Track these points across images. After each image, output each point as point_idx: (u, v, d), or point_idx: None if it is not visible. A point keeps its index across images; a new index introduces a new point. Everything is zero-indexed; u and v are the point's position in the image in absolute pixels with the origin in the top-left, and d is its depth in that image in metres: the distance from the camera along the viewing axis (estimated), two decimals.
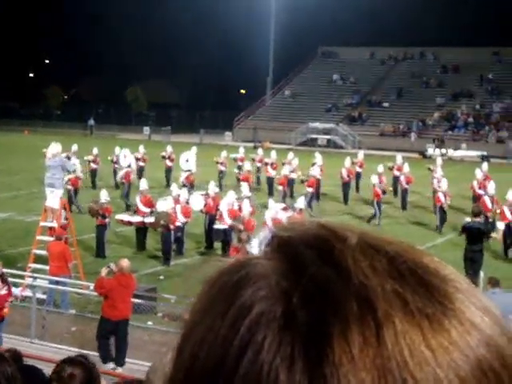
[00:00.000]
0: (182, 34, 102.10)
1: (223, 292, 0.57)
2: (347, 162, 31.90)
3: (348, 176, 31.03)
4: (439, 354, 0.52)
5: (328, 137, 65.57)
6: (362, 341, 0.52)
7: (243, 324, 0.54)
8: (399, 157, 33.03)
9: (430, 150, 58.36)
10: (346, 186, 30.92)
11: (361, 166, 33.28)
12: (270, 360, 0.52)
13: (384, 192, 25.68)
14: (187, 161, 27.40)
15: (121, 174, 27.89)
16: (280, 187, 28.94)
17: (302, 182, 29.83)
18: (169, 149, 34.01)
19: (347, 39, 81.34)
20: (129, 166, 28.12)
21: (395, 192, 31.81)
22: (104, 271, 12.85)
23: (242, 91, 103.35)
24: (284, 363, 0.52)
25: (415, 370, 0.51)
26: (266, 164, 32.74)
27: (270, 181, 31.93)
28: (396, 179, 31.65)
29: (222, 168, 32.71)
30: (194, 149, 30.66)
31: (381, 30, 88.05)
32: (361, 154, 34.79)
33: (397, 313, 0.53)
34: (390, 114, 68.86)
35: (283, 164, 32.36)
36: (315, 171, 30.01)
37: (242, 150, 35.81)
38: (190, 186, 28.13)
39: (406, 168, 30.41)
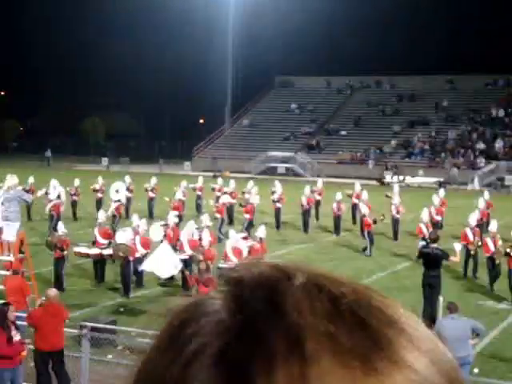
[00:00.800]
0: (140, 64, 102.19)
1: (171, 329, 0.58)
2: (306, 190, 32.04)
3: (308, 204, 31.15)
4: None
5: (287, 165, 65.97)
6: (286, 378, 0.52)
7: (178, 362, 0.55)
8: (357, 184, 33.32)
9: (388, 177, 58.99)
10: (305, 214, 31.03)
11: (320, 194, 33.44)
12: None
13: (375, 221, 25.44)
14: (117, 191, 26.97)
15: (49, 206, 27.36)
16: (218, 215, 28.70)
17: (241, 205, 30.16)
18: (127, 179, 33.80)
19: (304, 68, 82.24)
20: (58, 197, 27.61)
21: (354, 219, 32.08)
22: (37, 303, 12.87)
23: (201, 121, 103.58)
24: None
25: None
26: (225, 193, 32.72)
27: (230, 210, 31.93)
28: (355, 206, 31.95)
29: (183, 198, 32.47)
30: (127, 178, 30.61)
31: (337, 59, 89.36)
32: (320, 181, 34.94)
33: (326, 353, 0.53)
34: (347, 142, 69.54)
35: (243, 193, 32.45)
36: (254, 199, 30.15)
37: (201, 179, 35.82)
38: (119, 216, 28.06)
39: (365, 195, 30.66)
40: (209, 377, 0.54)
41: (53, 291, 12.82)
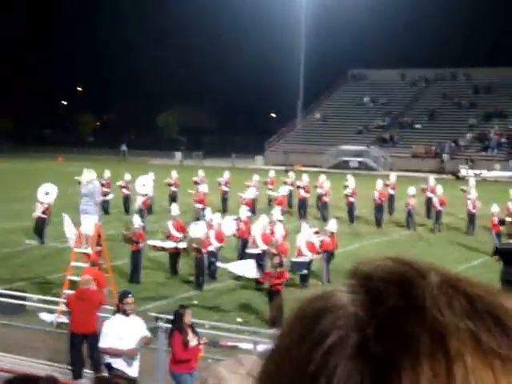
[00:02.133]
0: (213, 59, 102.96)
1: (304, 320, 0.60)
2: (379, 184, 31.63)
3: (380, 199, 30.81)
4: None
5: (360, 159, 65.43)
6: (432, 375, 0.54)
7: (318, 351, 0.57)
8: (432, 178, 32.80)
9: (463, 171, 57.90)
10: (378, 208, 30.70)
11: (393, 189, 33.04)
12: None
13: (502, 222, 24.33)
14: (144, 185, 26.98)
15: (139, 201, 27.69)
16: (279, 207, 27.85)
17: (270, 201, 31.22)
18: (200, 173, 34.13)
19: (377, 61, 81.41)
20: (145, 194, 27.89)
21: (428, 214, 31.62)
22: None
23: (273, 115, 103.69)
24: None
25: None
26: (298, 187, 32.70)
27: (303, 204, 31.89)
28: (429, 201, 31.46)
29: (255, 191, 32.39)
30: (151, 174, 30.53)
31: (410, 52, 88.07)
32: (393, 176, 34.46)
33: (468, 350, 0.55)
34: (421, 136, 68.51)
35: (315, 187, 32.34)
36: (283, 190, 31.07)
37: (272, 173, 35.87)
38: (147, 210, 28.26)
39: (440, 189, 30.15)
40: (352, 367, 0.55)
41: (86, 276, 13.30)
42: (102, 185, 25.39)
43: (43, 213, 24.79)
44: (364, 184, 35.50)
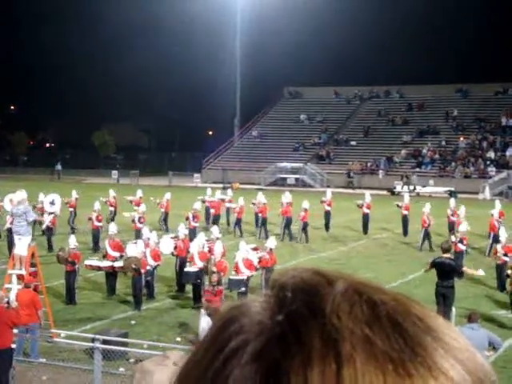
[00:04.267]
0: (150, 78, 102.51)
1: (214, 328, 0.61)
2: (304, 203, 30.66)
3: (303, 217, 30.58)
4: None
5: (297, 176, 65.93)
6: (321, 376, 0.55)
7: (219, 357, 0.58)
8: (368, 194, 33.24)
9: (398, 187, 58.86)
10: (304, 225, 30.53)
11: (329, 205, 33.31)
12: None
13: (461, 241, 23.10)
14: (52, 203, 26.34)
15: (48, 219, 27.00)
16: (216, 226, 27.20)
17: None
18: (138, 193, 33.71)
19: (312, 79, 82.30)
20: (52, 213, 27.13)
21: (365, 230, 32.05)
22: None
23: (210, 133, 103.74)
24: None
25: None
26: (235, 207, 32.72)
27: (239, 222, 31.92)
28: (366, 217, 31.89)
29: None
30: (111, 192, 29.75)
31: (345, 70, 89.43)
32: (329, 192, 34.79)
33: (360, 355, 0.55)
34: (357, 153, 69.47)
35: (253, 204, 32.41)
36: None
37: (209, 190, 35.83)
38: (54, 228, 27.78)
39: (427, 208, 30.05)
40: (245, 373, 0.56)
41: None
42: (34, 206, 24.89)
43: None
44: (301, 201, 35.72)
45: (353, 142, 72.07)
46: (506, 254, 20.58)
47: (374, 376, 0.55)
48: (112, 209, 32.77)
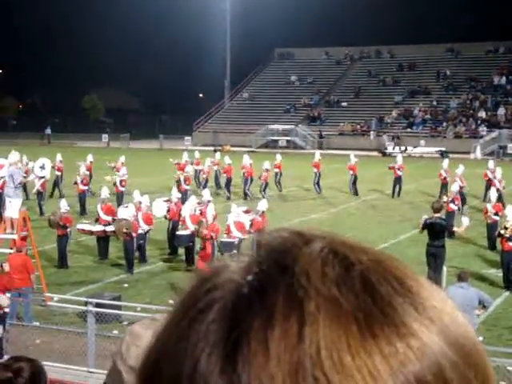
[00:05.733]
0: (138, 41, 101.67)
1: (189, 289, 0.61)
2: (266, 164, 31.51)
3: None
4: (361, 361, 0.53)
5: (288, 138, 65.79)
6: (282, 337, 0.54)
7: (188, 315, 0.58)
8: (352, 156, 33.17)
9: (390, 148, 58.86)
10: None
11: (317, 167, 33.22)
12: (196, 347, 0.56)
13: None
14: (42, 167, 26.02)
15: (39, 183, 26.81)
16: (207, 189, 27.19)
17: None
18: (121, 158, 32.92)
19: (303, 40, 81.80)
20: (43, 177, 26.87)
21: (355, 191, 32.16)
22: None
23: (200, 95, 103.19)
24: (206, 350, 0.55)
25: (329, 371, 0.52)
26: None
27: (227, 185, 31.88)
28: (399, 179, 31.70)
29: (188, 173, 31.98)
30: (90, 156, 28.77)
31: (336, 30, 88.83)
32: (317, 154, 34.75)
33: (324, 314, 0.54)
34: (348, 114, 69.31)
35: (243, 168, 32.35)
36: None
37: (197, 153, 35.46)
38: (44, 193, 27.55)
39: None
40: (209, 331, 0.56)
41: None
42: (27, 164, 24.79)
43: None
44: (293, 163, 35.79)
45: (344, 103, 71.86)
46: (496, 214, 20.68)
47: (336, 337, 0.54)
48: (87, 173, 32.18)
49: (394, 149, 58.06)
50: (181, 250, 20.11)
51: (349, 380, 0.52)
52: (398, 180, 31.32)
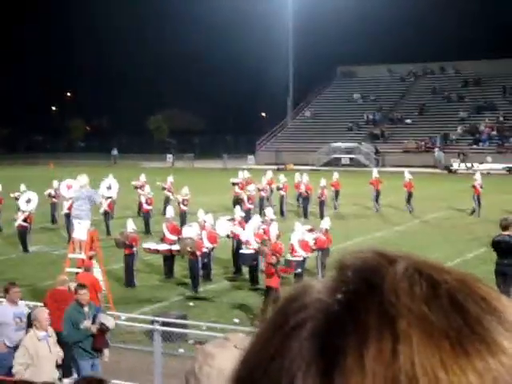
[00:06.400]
0: (201, 60, 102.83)
1: (277, 308, 0.64)
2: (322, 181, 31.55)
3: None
4: (455, 377, 0.54)
5: (351, 156, 65.47)
6: (377, 354, 0.56)
7: (281, 332, 0.61)
8: (406, 173, 32.93)
9: (455, 165, 58.00)
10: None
11: (374, 184, 33.10)
12: (292, 363, 0.58)
13: None
14: (109, 187, 26.11)
15: (105, 203, 27.03)
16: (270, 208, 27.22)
17: (278, 188, 31.73)
18: (169, 179, 33.06)
19: (365, 57, 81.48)
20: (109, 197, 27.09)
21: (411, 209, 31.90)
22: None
23: (263, 114, 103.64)
24: (302, 367, 0.58)
25: None
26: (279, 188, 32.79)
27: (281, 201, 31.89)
28: (409, 196, 31.79)
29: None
30: (111, 176, 28.54)
31: (398, 46, 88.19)
32: (375, 171, 34.58)
33: (416, 332, 0.56)
34: (412, 131, 68.61)
35: (296, 186, 32.40)
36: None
37: (269, 173, 35.28)
38: (112, 212, 27.98)
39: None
40: (303, 348, 0.58)
41: (61, 277, 13.65)
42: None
43: (24, 221, 24.60)
44: (354, 180, 35.59)
45: (408, 120, 71.19)
46: None
47: (430, 354, 0.55)
48: (168, 193, 32.71)
49: (459, 165, 57.22)
50: (245, 269, 20.18)
51: None
52: (478, 198, 30.76)
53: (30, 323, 11.60)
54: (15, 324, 11.83)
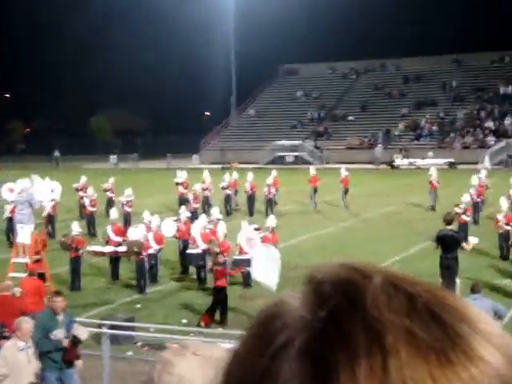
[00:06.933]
0: (142, 60, 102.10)
1: (256, 326, 0.64)
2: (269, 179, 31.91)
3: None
4: None
5: (295, 153, 65.82)
6: (368, 369, 0.57)
7: (267, 353, 0.61)
8: (343, 169, 33.38)
9: (398, 161, 58.83)
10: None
11: (312, 182, 33.44)
12: (285, 383, 0.59)
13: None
14: (53, 191, 25.86)
15: (49, 206, 26.70)
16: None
17: (223, 188, 31.89)
18: (111, 180, 32.73)
19: (307, 56, 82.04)
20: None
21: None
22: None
23: (207, 113, 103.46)
24: None
25: None
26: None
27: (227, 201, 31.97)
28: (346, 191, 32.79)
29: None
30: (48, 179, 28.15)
31: (340, 45, 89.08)
32: (312, 169, 34.89)
33: (403, 345, 0.58)
34: (355, 128, 69.34)
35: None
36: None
37: (206, 173, 34.99)
38: (55, 215, 27.75)
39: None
40: (295, 368, 0.59)
41: (5, 283, 13.50)
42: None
43: None
44: (298, 177, 35.80)
45: (350, 117, 71.91)
46: (508, 224, 20.62)
47: (418, 366, 0.57)
48: (111, 195, 32.29)
49: (402, 161, 58.06)
50: (192, 269, 20.10)
51: None
52: (435, 192, 31.10)
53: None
54: None
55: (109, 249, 20.23)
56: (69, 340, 10.85)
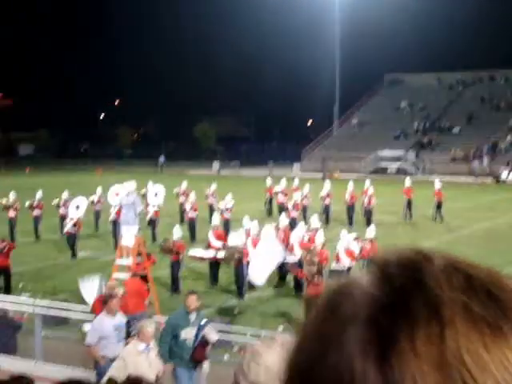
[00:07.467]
0: (248, 68, 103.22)
1: (327, 300, 0.72)
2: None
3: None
4: (495, 356, 0.64)
5: (398, 164, 64.99)
6: (426, 338, 0.64)
7: (334, 322, 0.68)
8: (437, 182, 32.61)
9: (504, 174, 57.20)
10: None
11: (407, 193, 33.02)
12: (350, 351, 0.66)
13: None
14: (156, 195, 26.01)
15: (152, 210, 27.23)
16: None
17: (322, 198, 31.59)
18: (213, 186, 32.99)
19: (413, 65, 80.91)
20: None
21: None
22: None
23: (310, 122, 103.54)
24: (360, 355, 0.65)
25: (472, 367, 0.63)
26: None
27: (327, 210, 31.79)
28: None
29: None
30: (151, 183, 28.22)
31: (447, 55, 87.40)
32: (407, 181, 34.30)
33: (460, 318, 0.65)
34: (460, 139, 67.83)
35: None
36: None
37: (283, 181, 34.72)
38: (158, 220, 28.04)
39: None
40: (360, 334, 0.66)
41: (111, 282, 14.26)
42: (143, 195, 25.76)
43: (73, 227, 24.84)
44: (399, 189, 35.28)
45: (455, 129, 70.40)
46: None
47: (473, 336, 0.64)
48: (213, 199, 32.77)
49: (509, 175, 56.43)
50: (289, 277, 20.16)
51: (487, 371, 0.63)
52: None
53: (128, 333, 11.64)
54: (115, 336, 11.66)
55: (209, 253, 20.54)
56: (198, 340, 11.03)
